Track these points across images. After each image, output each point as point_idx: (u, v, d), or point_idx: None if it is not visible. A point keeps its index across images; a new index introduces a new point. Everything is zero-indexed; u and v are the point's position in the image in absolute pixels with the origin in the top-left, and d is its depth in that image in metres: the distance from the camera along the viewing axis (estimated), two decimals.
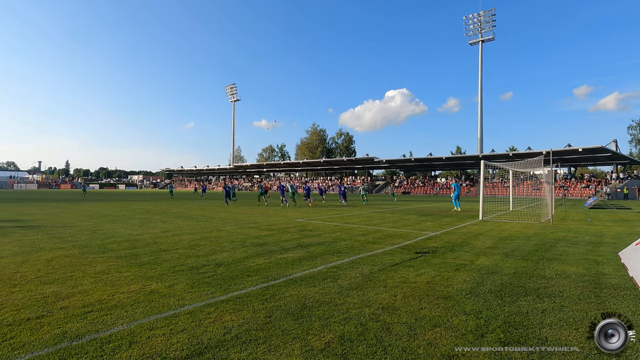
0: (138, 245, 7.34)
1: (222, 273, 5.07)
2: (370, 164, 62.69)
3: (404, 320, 3.34)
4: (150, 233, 9.13)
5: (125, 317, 3.36)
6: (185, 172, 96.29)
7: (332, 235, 8.92)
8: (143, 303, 3.77)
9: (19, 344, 2.81)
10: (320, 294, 4.13)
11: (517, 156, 46.05)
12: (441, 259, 6.13)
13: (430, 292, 4.23)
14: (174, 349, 2.74)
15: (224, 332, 3.05)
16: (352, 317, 3.41)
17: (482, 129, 61.57)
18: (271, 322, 3.27)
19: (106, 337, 2.93)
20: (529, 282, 4.65)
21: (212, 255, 6.35)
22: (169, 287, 4.35)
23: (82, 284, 4.47)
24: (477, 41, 61.90)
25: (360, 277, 4.90)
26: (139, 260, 5.89)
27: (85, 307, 3.63)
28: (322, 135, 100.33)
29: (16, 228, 10.07)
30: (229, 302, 3.83)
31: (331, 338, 2.94)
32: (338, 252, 6.68)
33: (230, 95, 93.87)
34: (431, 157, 54.15)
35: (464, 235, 9.13)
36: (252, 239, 8.30)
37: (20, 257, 6.09)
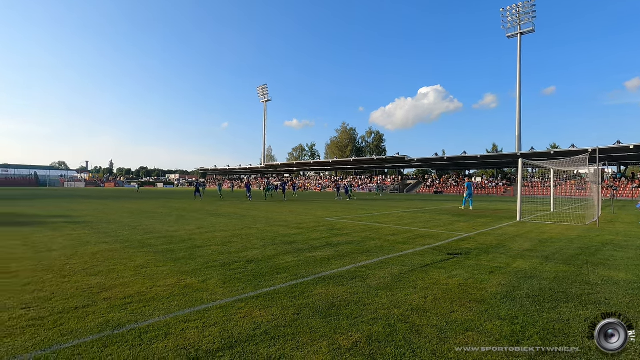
0: (174, 241, 7.67)
1: (253, 270, 5.19)
2: (401, 162, 61.54)
3: (434, 322, 3.26)
4: (186, 230, 9.51)
5: (162, 310, 3.53)
6: (219, 171, 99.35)
7: (361, 235, 8.86)
8: (178, 296, 3.94)
9: (68, 330, 3.03)
10: (348, 293, 4.12)
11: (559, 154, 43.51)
12: (475, 261, 5.92)
13: (462, 295, 4.10)
14: (207, 341, 2.84)
15: (253, 327, 3.12)
16: (380, 317, 3.38)
17: (520, 125, 58.65)
18: (299, 320, 3.30)
19: (144, 328, 3.09)
20: (571, 288, 4.39)
21: (243, 252, 6.52)
22: (202, 282, 4.51)
23: (123, 277, 4.74)
24: (515, 34, 58.99)
25: (389, 277, 4.84)
26: (175, 255, 6.16)
27: (125, 299, 3.85)
28: (352, 134, 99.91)
29: (66, 223, 10.85)
30: (259, 298, 3.92)
31: (359, 338, 2.93)
32: (367, 252, 6.63)
33: (262, 95, 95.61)
34: (465, 155, 52.33)
35: (499, 237, 8.75)
36: (282, 237, 8.43)
37: (69, 250, 6.56)
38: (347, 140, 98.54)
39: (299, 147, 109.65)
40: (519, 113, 58.56)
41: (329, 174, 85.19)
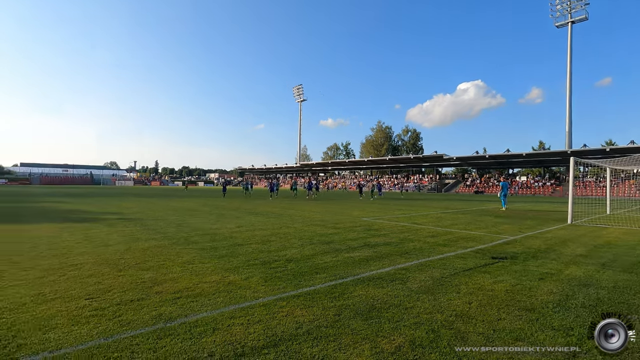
0: (217, 238, 7.99)
1: (292, 269, 5.29)
2: (439, 161, 59.66)
3: (480, 330, 3.15)
4: (227, 228, 9.87)
5: (209, 305, 3.70)
6: (255, 171, 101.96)
7: (399, 236, 8.72)
8: (223, 293, 4.11)
9: (126, 321, 3.27)
10: (388, 295, 4.08)
11: (615, 151, 40.18)
12: (522, 266, 5.62)
13: (510, 301, 3.91)
14: (252, 338, 2.94)
15: (296, 326, 3.19)
16: (423, 322, 3.32)
17: (571, 121, 54.67)
18: (340, 321, 3.32)
19: (193, 322, 3.26)
20: (633, 299, 4.04)
21: (282, 251, 6.66)
22: (245, 280, 4.67)
23: (172, 272, 5.02)
24: (565, 22, 55.02)
25: (430, 280, 4.72)
26: (218, 252, 6.42)
27: (175, 293, 4.08)
28: (387, 133, 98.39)
29: (118, 220, 11.66)
30: (300, 297, 3.99)
31: (401, 342, 2.90)
32: (406, 254, 6.52)
33: (297, 95, 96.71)
34: (509, 153, 49.76)
35: (548, 241, 8.24)
36: (319, 236, 8.49)
37: (122, 245, 7.05)
38: (383, 139, 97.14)
39: (334, 146, 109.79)
40: (569, 107, 54.63)
41: (364, 173, 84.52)
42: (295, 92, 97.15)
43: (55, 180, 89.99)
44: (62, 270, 5.03)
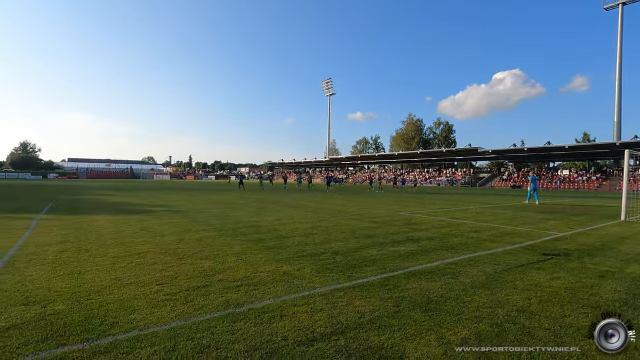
0: (261, 230, 8.27)
1: (341, 261, 5.41)
2: (474, 154, 57.72)
3: (545, 326, 3.12)
4: (268, 220, 10.17)
5: (270, 293, 3.90)
6: (285, 165, 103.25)
7: (440, 231, 8.63)
8: (280, 282, 4.30)
9: (198, 305, 3.52)
10: (443, 289, 4.10)
11: None
12: (578, 264, 5.43)
13: (571, 299, 3.82)
14: (318, 325, 3.09)
15: (358, 315, 3.30)
16: (484, 316, 3.33)
17: (620, 111, 51.00)
18: (400, 312, 3.40)
19: (260, 308, 3.46)
20: None
21: (327, 243, 6.80)
22: (298, 270, 4.85)
23: (228, 262, 5.29)
24: (615, 4, 51.14)
25: (483, 276, 4.69)
26: (266, 244, 6.66)
27: (236, 282, 4.32)
28: (418, 126, 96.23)
29: (166, 212, 12.31)
30: (355, 288, 4.10)
31: (466, 334, 2.94)
32: (452, 248, 6.47)
33: (326, 89, 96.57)
34: (549, 146, 47.28)
35: (602, 238, 7.86)
36: (360, 230, 8.57)
37: (176, 235, 7.48)
38: (414, 132, 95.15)
39: (363, 140, 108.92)
40: (618, 96, 50.94)
41: (394, 166, 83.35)
42: (324, 86, 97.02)
43: (100, 174, 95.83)
44: (129, 258, 5.44)
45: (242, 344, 2.73)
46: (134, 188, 33.88)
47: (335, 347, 2.70)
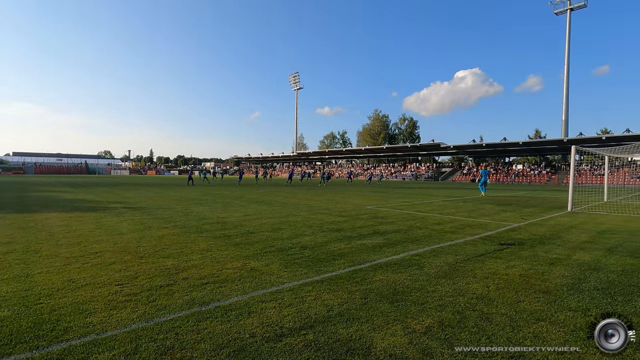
0: (227, 227, 8.09)
1: (309, 255, 5.42)
2: (436, 150, 59.96)
3: (503, 311, 3.31)
4: (235, 216, 9.96)
5: (238, 290, 3.82)
6: (252, 160, 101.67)
7: (406, 223, 8.88)
8: (248, 279, 4.23)
9: (161, 305, 3.38)
10: (409, 280, 4.23)
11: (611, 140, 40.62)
12: (531, 252, 5.80)
13: (526, 285, 4.08)
14: (287, 320, 3.07)
15: (326, 309, 3.32)
16: (447, 304, 3.47)
17: (567, 109, 54.95)
18: (368, 304, 3.46)
19: (227, 306, 3.38)
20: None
21: (295, 238, 6.78)
22: (266, 266, 4.79)
23: (193, 259, 5.12)
24: (564, 10, 54.79)
25: (446, 266, 4.88)
26: (233, 240, 6.53)
27: (202, 279, 4.19)
28: (384, 121, 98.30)
29: (125, 209, 11.70)
30: (323, 282, 4.12)
31: (431, 323, 3.04)
32: (417, 240, 6.68)
33: (293, 84, 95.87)
34: (505, 142, 50.08)
35: (552, 228, 8.46)
36: (328, 224, 8.63)
37: (137, 233, 7.13)
38: (380, 128, 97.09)
39: (330, 135, 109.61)
40: (566, 96, 54.84)
41: (360, 161, 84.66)
42: (291, 80, 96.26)
43: (50, 170, 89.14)
44: (84, 258, 5.11)
45: (208, 343, 2.65)
46: (89, 184, 31.89)
47: (304, 341, 2.70)
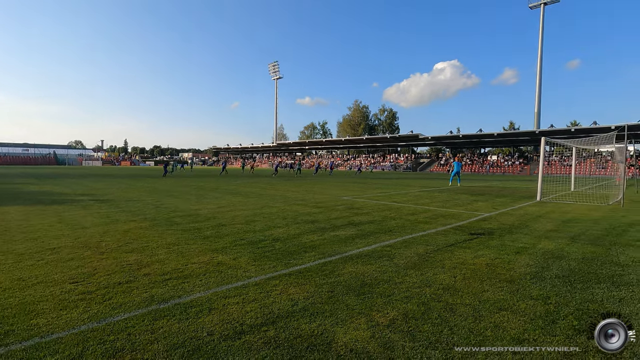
0: (199, 219, 7.87)
1: (280, 248, 5.32)
2: (415, 141, 60.77)
3: (467, 301, 3.33)
4: (208, 208, 9.72)
5: (201, 286, 3.68)
6: (231, 150, 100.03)
7: (380, 214, 8.92)
8: (213, 273, 4.09)
9: (117, 304, 3.20)
10: (378, 272, 4.21)
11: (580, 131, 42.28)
12: (499, 241, 5.92)
13: (491, 274, 4.14)
14: (249, 317, 2.97)
15: (291, 304, 3.24)
16: (413, 296, 3.46)
17: (540, 102, 56.75)
18: (334, 297, 3.41)
19: (188, 303, 3.24)
20: (601, 269, 4.37)
21: (267, 230, 6.66)
22: (234, 260, 4.66)
23: (158, 254, 4.92)
24: (538, 4, 56.09)
25: (416, 256, 4.90)
26: (203, 233, 6.34)
27: (164, 275, 4.02)
28: (364, 112, 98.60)
29: (93, 202, 11.21)
30: (291, 275, 4.04)
31: (395, 315, 3.02)
32: (389, 231, 6.69)
33: (273, 73, 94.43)
34: (481, 133, 51.30)
35: (521, 217, 8.69)
36: (303, 215, 8.54)
37: (101, 227, 6.81)
38: (360, 118, 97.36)
39: (311, 126, 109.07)
40: (538, 89, 56.57)
41: (340, 152, 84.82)
42: (270, 69, 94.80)
43: (16, 160, 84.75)
44: (39, 254, 4.82)
45: (162, 343, 2.52)
46: (57, 175, 30.48)
47: (264, 338, 2.61)
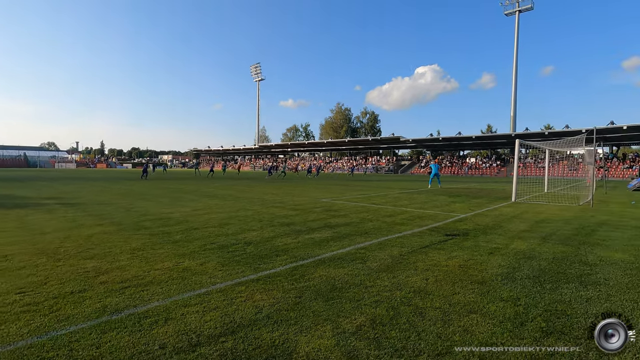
0: (170, 223, 7.57)
1: (252, 252, 5.13)
2: (396, 143, 61.44)
3: (437, 305, 3.25)
4: (181, 211, 9.40)
5: (161, 294, 3.47)
6: (212, 152, 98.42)
7: (358, 216, 8.84)
8: (177, 280, 3.87)
9: (64, 316, 2.95)
10: (349, 275, 4.09)
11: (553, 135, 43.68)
12: (473, 242, 5.92)
13: (463, 276, 4.09)
14: (208, 326, 2.78)
15: (255, 311, 3.07)
16: (383, 300, 3.35)
17: (515, 106, 58.49)
18: (301, 303, 3.26)
19: (143, 313, 3.02)
20: (570, 269, 4.40)
21: (241, 234, 6.45)
22: (200, 265, 4.45)
23: (120, 260, 4.65)
24: (513, 11, 57.87)
25: (389, 259, 4.81)
26: (172, 238, 6.07)
27: (123, 283, 3.77)
28: (346, 115, 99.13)
29: (59, 205, 10.66)
30: (259, 281, 3.87)
31: (363, 321, 2.90)
32: (365, 233, 6.61)
33: (255, 75, 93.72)
34: (460, 136, 52.34)
35: (496, 218, 8.79)
36: (279, 218, 8.36)
37: (63, 232, 6.43)
38: (342, 121, 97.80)
39: (293, 128, 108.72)
40: (514, 93, 58.31)
41: (323, 154, 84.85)
42: (253, 71, 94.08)
43: None
44: None
45: (106, 359, 2.31)
46: (26, 178, 29.11)
47: (220, 350, 2.43)
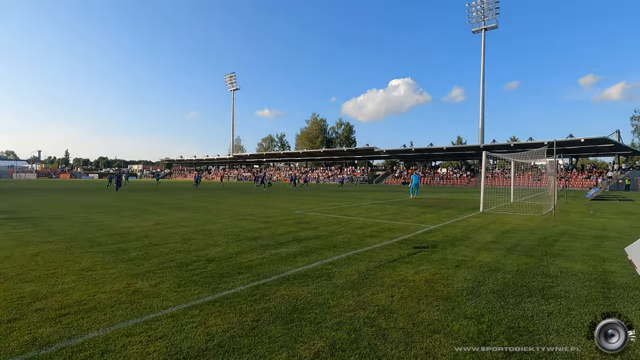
0: (128, 239, 7.11)
1: (212, 270, 4.85)
2: (370, 154, 62.26)
3: (400, 325, 3.12)
4: (142, 226, 8.90)
5: (103, 321, 3.14)
6: (185, 162, 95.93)
7: (328, 229, 8.70)
8: (124, 304, 3.55)
9: None
10: (313, 294, 3.91)
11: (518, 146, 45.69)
12: (441, 255, 5.91)
13: (429, 292, 4.01)
14: (150, 359, 2.52)
15: (206, 339, 2.83)
16: (345, 321, 3.19)
17: (483, 119, 61.00)
18: (258, 327, 3.04)
19: (78, 345, 2.71)
20: (532, 282, 4.43)
21: (204, 250, 6.14)
22: (154, 286, 4.13)
23: (63, 282, 4.25)
24: (480, 29, 60.78)
25: (356, 274, 4.68)
26: (127, 255, 5.67)
27: (61, 309, 3.41)
28: (322, 125, 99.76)
29: (6, 220, 9.85)
30: (216, 303, 3.61)
31: (321, 346, 2.72)
32: (334, 247, 6.46)
33: (230, 84, 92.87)
34: (432, 147, 53.75)
35: (464, 229, 8.90)
36: (247, 232, 8.08)
37: (4, 251, 5.87)
38: (317, 131, 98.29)
39: (269, 138, 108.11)
40: (482, 107, 60.84)
41: (299, 165, 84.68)
42: (227, 80, 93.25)
43: None
44: None
45: None
46: None
47: None
